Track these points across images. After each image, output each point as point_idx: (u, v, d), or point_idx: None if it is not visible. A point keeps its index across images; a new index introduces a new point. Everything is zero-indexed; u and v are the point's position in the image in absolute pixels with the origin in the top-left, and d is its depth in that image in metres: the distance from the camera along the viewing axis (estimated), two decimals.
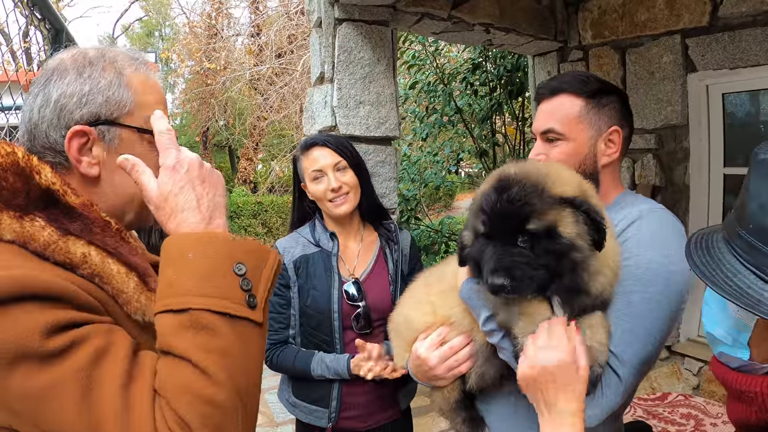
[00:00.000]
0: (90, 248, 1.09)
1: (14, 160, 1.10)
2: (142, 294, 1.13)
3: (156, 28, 32.43)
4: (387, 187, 3.89)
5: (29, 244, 1.04)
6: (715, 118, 4.27)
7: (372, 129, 3.82)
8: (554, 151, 1.76)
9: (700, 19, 4.14)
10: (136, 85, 1.23)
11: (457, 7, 4.14)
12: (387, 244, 2.60)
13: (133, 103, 1.21)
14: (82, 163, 1.18)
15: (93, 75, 1.19)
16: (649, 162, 4.50)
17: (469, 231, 1.48)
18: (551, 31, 4.86)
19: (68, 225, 1.10)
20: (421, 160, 8.32)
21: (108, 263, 1.10)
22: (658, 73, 4.41)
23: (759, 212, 0.97)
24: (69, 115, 1.16)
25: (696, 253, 1.09)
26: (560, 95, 1.78)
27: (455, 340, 1.71)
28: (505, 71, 6.84)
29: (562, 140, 1.75)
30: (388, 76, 3.90)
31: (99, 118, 1.18)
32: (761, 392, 1.06)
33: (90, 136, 1.17)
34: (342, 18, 3.74)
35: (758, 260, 0.95)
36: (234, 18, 20.22)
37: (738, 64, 4.01)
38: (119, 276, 1.11)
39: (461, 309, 1.68)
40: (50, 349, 0.93)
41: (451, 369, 1.71)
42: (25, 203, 1.08)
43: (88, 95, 1.17)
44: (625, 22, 4.56)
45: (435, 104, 7.66)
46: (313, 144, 2.50)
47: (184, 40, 20.05)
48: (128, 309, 1.11)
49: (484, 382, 1.69)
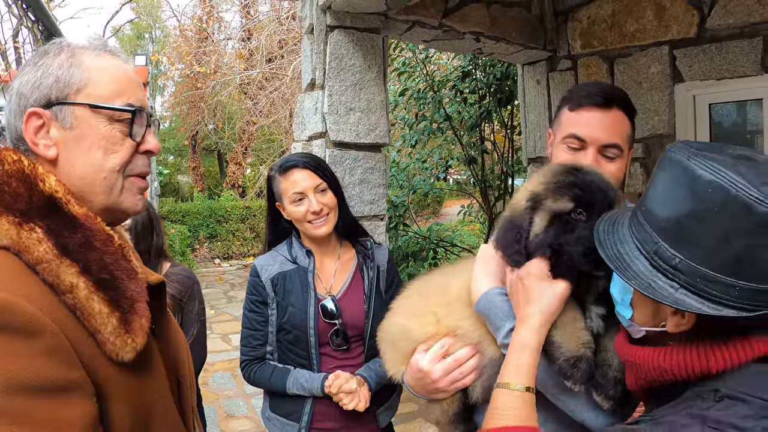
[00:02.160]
0: (80, 280, 1.08)
1: (20, 167, 1.13)
2: (118, 338, 1.11)
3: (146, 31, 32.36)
4: (376, 193, 3.91)
5: (23, 255, 1.05)
6: (702, 128, 4.31)
7: (362, 136, 3.83)
8: (612, 167, 1.73)
9: (688, 30, 4.18)
10: (89, 64, 1.23)
11: (448, 15, 4.17)
12: (364, 261, 2.61)
13: (86, 81, 1.21)
14: (38, 146, 1.19)
15: (46, 62, 1.21)
16: (636, 171, 4.54)
17: (543, 217, 1.48)
18: (541, 41, 4.90)
19: (68, 239, 1.10)
20: (410, 166, 8.34)
21: (92, 301, 1.09)
22: (645, 83, 4.45)
23: (652, 197, 1.15)
24: (25, 101, 1.19)
25: (603, 224, 1.29)
26: (616, 109, 1.75)
27: (460, 352, 1.67)
28: (494, 79, 6.88)
29: (620, 158, 1.74)
30: (378, 83, 3.91)
31: (50, 100, 1.19)
32: (634, 362, 1.21)
33: (44, 118, 1.19)
34: (334, 25, 3.75)
35: (642, 235, 1.15)
36: (225, 22, 20.26)
37: (725, 75, 4.06)
38: (99, 316, 1.09)
39: (472, 321, 1.66)
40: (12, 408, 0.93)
41: (455, 382, 1.67)
42: (27, 208, 1.09)
43: (41, 79, 1.19)
44: (614, 32, 4.60)
45: (424, 111, 7.68)
46: (292, 166, 2.49)
47: (175, 43, 20.04)
48: (103, 348, 1.09)
49: (490, 396, 1.67)
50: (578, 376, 1.42)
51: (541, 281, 1.47)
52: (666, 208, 1.11)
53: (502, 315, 1.54)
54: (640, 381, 1.21)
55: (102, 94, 1.22)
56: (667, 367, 1.12)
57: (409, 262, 7.56)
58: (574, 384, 1.42)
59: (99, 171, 1.22)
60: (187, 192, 26.37)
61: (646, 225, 1.14)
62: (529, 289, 1.47)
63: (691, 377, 1.10)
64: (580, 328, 1.48)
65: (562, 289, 1.47)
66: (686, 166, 1.07)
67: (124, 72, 1.28)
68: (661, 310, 1.17)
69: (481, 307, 1.59)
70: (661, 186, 1.13)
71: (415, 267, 7.36)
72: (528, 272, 1.49)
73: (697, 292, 1.04)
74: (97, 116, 1.22)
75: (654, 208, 1.14)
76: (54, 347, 1.00)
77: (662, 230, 1.10)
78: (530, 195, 1.51)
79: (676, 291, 1.07)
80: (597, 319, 1.50)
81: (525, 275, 1.49)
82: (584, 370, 1.43)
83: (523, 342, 1.43)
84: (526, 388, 1.37)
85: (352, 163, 3.79)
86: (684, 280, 1.06)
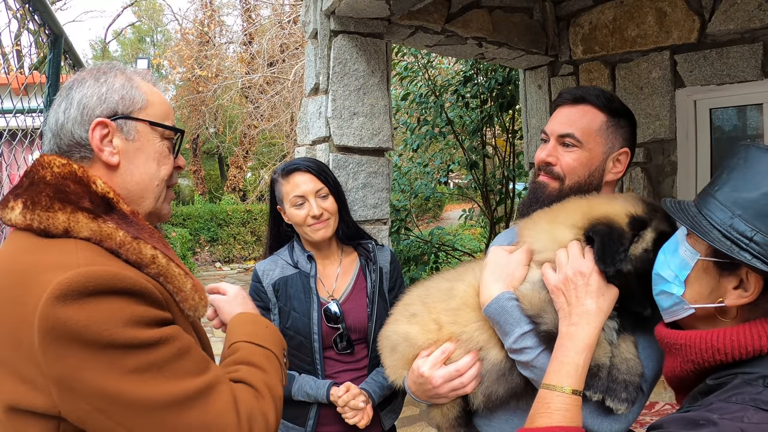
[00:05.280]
0: (157, 252, 1.28)
1: (71, 170, 1.29)
2: (196, 293, 1.34)
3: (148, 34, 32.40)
4: (379, 197, 3.93)
5: (104, 242, 1.22)
6: (703, 133, 4.34)
7: (365, 140, 3.86)
8: (568, 157, 1.79)
9: (689, 35, 4.22)
10: (145, 89, 1.43)
11: (451, 21, 4.20)
12: (366, 263, 2.61)
13: (147, 102, 1.41)
14: (104, 152, 1.34)
15: (108, 80, 1.38)
16: (637, 175, 4.56)
17: (650, 235, 1.51)
18: (543, 46, 4.93)
19: (129, 229, 1.26)
20: (412, 171, 8.36)
21: (171, 266, 1.30)
22: (647, 88, 4.48)
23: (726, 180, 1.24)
24: (90, 111, 1.34)
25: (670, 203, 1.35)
26: (584, 105, 1.81)
27: (462, 362, 1.67)
28: (496, 84, 6.90)
29: (578, 148, 1.78)
30: (382, 88, 3.94)
31: (116, 113, 1.36)
32: (684, 344, 1.24)
33: (110, 128, 1.34)
34: (337, 30, 3.78)
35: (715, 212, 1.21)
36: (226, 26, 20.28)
37: (725, 80, 4.09)
38: (180, 276, 1.31)
39: (478, 325, 1.67)
40: (139, 340, 1.12)
41: (455, 390, 1.68)
42: (92, 206, 1.24)
43: (106, 94, 1.36)
44: (615, 37, 4.64)
45: (426, 116, 7.70)
46: (295, 169, 2.50)
47: (176, 47, 20.07)
48: (184, 306, 1.32)
49: (490, 403, 1.68)
50: (599, 385, 1.45)
51: (601, 281, 1.50)
52: (745, 188, 1.18)
53: (513, 320, 1.56)
54: (687, 365, 1.24)
55: (157, 114, 1.43)
56: (721, 347, 1.17)
57: (411, 266, 7.58)
58: (593, 393, 1.44)
59: (153, 179, 1.42)
60: (188, 195, 26.39)
61: (719, 204, 1.21)
62: (592, 286, 1.48)
63: (743, 357, 1.15)
64: (603, 338, 1.50)
65: (616, 294, 1.50)
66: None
67: (166, 99, 1.51)
68: (720, 286, 1.21)
69: (491, 311, 1.59)
70: (738, 171, 1.21)
71: (417, 271, 7.37)
72: (592, 269, 1.49)
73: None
74: (154, 133, 1.43)
75: (730, 188, 1.21)
76: (154, 300, 1.20)
77: (739, 206, 1.17)
78: (631, 215, 1.54)
79: (751, 259, 1.13)
80: (611, 331, 1.53)
81: (590, 271, 1.49)
82: (604, 379, 1.46)
83: (584, 341, 1.43)
84: (574, 390, 1.38)
85: (355, 167, 3.82)
86: (758, 251, 1.12)
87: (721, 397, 1.12)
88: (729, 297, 1.19)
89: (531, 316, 1.55)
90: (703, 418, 1.07)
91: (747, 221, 1.15)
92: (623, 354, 1.50)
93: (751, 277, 1.16)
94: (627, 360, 1.48)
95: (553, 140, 1.83)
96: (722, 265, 1.20)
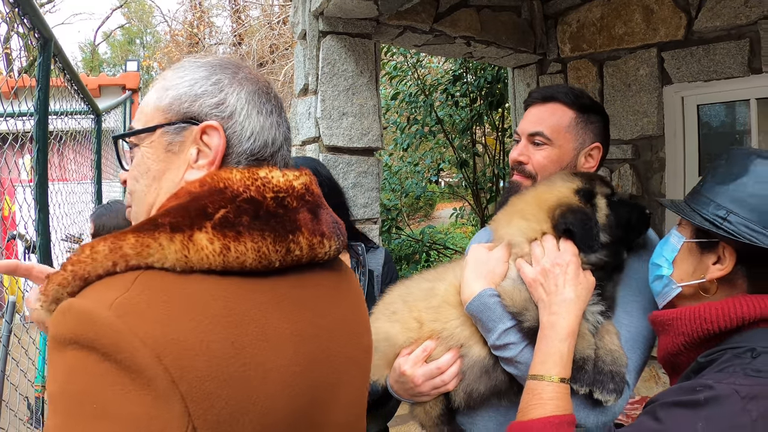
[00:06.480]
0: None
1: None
2: None
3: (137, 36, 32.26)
4: (369, 197, 3.94)
5: None
6: (691, 129, 4.37)
7: (355, 140, 3.87)
8: (539, 155, 1.82)
9: (676, 32, 4.24)
10: None
11: (439, 20, 4.21)
12: (356, 266, 2.56)
13: None
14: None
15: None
16: (626, 172, 4.59)
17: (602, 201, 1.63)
18: (531, 44, 4.95)
19: None
20: (402, 170, 8.37)
21: None
22: (634, 85, 4.51)
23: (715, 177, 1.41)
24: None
25: (664, 201, 1.55)
26: (553, 103, 1.84)
27: (442, 359, 1.66)
28: (485, 83, 6.92)
29: (548, 145, 1.81)
30: (371, 88, 3.95)
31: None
32: (675, 317, 1.37)
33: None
34: (326, 31, 3.79)
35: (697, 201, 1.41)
36: (216, 27, 20.22)
37: (712, 76, 4.11)
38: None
39: (459, 322, 1.67)
40: None
41: (437, 388, 1.68)
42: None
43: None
44: (603, 35, 4.66)
45: (416, 115, 7.72)
46: None
47: (166, 48, 20.02)
48: None
49: (472, 400, 1.68)
50: (585, 378, 1.46)
51: (579, 269, 1.53)
52: (724, 181, 1.36)
53: (495, 317, 1.57)
54: (678, 338, 1.35)
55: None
56: (707, 316, 1.30)
57: (403, 265, 7.60)
58: (580, 386, 1.46)
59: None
60: None
61: (703, 196, 1.39)
62: (569, 275, 1.50)
63: (728, 326, 1.27)
64: (586, 330, 1.52)
65: (593, 282, 1.54)
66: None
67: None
68: (701, 263, 1.38)
69: (473, 308, 1.60)
70: (720, 169, 1.39)
71: (409, 270, 7.39)
72: (568, 260, 1.52)
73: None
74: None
75: (713, 183, 1.39)
76: None
77: (718, 194, 1.36)
78: (576, 190, 1.61)
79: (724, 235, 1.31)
80: (594, 316, 1.54)
81: (566, 262, 1.52)
82: (590, 371, 1.47)
83: (566, 328, 1.46)
84: (562, 378, 1.41)
85: (345, 167, 3.83)
86: (731, 228, 1.30)
87: (713, 370, 1.21)
88: (709, 272, 1.35)
89: (513, 313, 1.56)
90: (699, 384, 1.16)
91: (723, 205, 1.33)
92: (608, 346, 1.51)
93: (727, 251, 1.32)
94: (612, 351, 1.50)
95: (524, 139, 1.87)
96: (703, 244, 1.38)
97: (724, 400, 1.10)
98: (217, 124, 1.02)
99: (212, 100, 1.04)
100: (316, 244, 1.02)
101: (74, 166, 5.16)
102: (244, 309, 0.91)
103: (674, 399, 1.16)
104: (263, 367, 0.90)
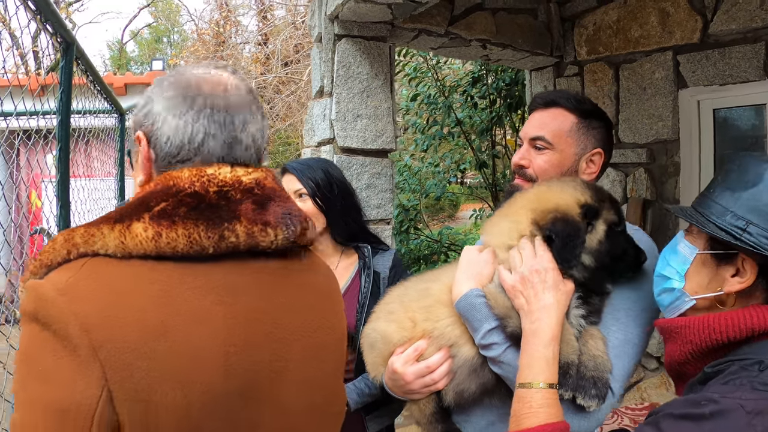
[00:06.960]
0: None
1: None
2: None
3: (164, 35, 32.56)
4: (383, 198, 3.99)
5: None
6: (706, 133, 4.35)
7: (369, 142, 3.92)
8: (540, 159, 1.84)
9: (692, 36, 4.23)
10: None
11: (454, 23, 4.25)
12: (363, 267, 2.57)
13: None
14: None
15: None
16: (640, 176, 4.58)
17: (602, 227, 1.61)
18: (547, 47, 4.96)
19: None
20: (422, 170, 8.39)
21: None
22: (650, 88, 4.50)
23: (723, 184, 1.37)
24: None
25: (670, 207, 1.54)
26: (555, 108, 1.86)
27: (433, 359, 1.70)
28: (504, 84, 6.93)
29: (549, 150, 1.83)
30: (385, 90, 4.00)
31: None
32: (684, 326, 1.35)
33: None
34: (341, 34, 3.85)
35: (712, 209, 1.35)
36: (242, 26, 20.36)
37: (728, 80, 4.10)
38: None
39: (450, 321, 1.70)
40: None
41: (427, 386, 1.72)
42: None
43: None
44: (619, 38, 4.66)
45: (436, 116, 7.74)
46: (285, 169, 2.53)
47: (192, 47, 20.19)
48: None
49: (462, 399, 1.71)
50: (570, 383, 1.49)
51: (558, 275, 1.55)
52: (738, 188, 1.33)
53: (480, 317, 1.60)
54: (686, 346, 1.34)
55: None
56: (716, 326, 1.28)
57: (421, 266, 7.62)
58: (565, 391, 1.48)
59: None
60: None
61: (716, 203, 1.34)
62: (548, 282, 1.53)
63: (737, 336, 1.25)
64: (570, 334, 1.54)
65: (572, 288, 1.56)
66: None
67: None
68: (718, 276, 1.33)
69: (461, 307, 1.64)
70: (733, 175, 1.36)
71: (427, 270, 7.41)
72: (547, 267, 1.54)
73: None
74: None
75: (725, 190, 1.35)
76: None
77: (734, 203, 1.31)
78: (582, 204, 1.60)
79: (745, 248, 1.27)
80: (577, 319, 1.57)
81: (545, 269, 1.54)
82: (573, 377, 1.49)
83: (549, 333, 1.47)
84: (550, 384, 1.43)
85: (359, 168, 3.88)
86: (751, 240, 1.25)
87: (719, 382, 1.20)
88: (728, 284, 1.30)
89: (497, 315, 1.59)
90: (704, 398, 1.15)
91: (741, 215, 1.28)
92: (591, 351, 1.53)
93: (747, 264, 1.28)
94: (595, 357, 1.52)
95: (526, 143, 1.89)
96: (720, 256, 1.33)
97: (728, 414, 1.10)
98: (140, 133, 1.16)
99: (143, 111, 1.18)
100: (256, 232, 1.09)
101: (98, 164, 5.25)
102: (178, 292, 1.02)
103: (679, 411, 1.17)
104: (192, 345, 1.01)
